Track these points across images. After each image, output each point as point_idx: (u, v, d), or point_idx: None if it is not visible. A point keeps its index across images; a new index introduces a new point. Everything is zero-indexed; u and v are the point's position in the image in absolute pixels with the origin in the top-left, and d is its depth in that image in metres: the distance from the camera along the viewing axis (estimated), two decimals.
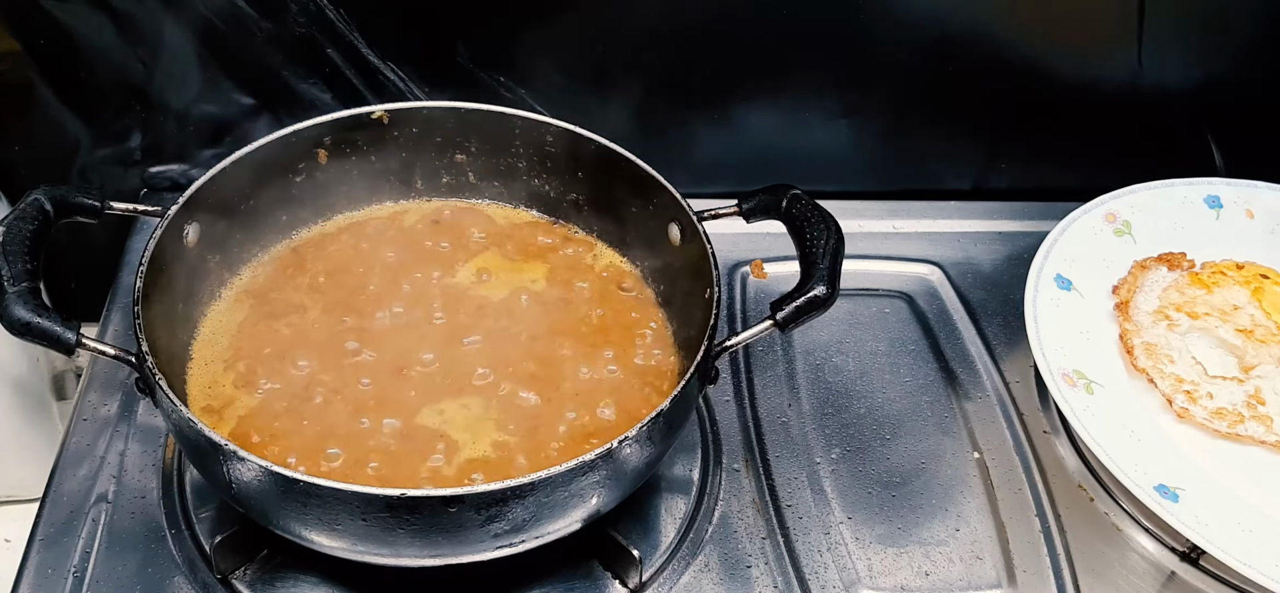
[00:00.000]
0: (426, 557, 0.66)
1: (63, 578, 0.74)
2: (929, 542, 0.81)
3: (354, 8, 0.95)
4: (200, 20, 0.93)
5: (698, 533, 0.80)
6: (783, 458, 0.86)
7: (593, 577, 0.76)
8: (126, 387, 0.86)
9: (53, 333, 0.65)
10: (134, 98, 0.98)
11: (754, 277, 1.01)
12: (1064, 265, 0.96)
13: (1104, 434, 0.82)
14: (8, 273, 0.66)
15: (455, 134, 0.89)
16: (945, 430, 0.89)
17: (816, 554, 0.79)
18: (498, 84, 1.00)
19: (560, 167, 0.88)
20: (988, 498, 0.84)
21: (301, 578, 0.74)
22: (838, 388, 0.92)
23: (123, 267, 0.97)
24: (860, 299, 1.01)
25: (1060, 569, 0.79)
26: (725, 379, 0.91)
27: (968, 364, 0.95)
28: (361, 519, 0.62)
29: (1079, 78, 1.07)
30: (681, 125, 1.06)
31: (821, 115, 1.06)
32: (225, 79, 0.98)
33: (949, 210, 1.10)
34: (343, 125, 0.85)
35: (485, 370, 0.77)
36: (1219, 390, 0.88)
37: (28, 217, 0.70)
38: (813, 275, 0.72)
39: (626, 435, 0.64)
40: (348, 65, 0.98)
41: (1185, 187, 1.04)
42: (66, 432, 0.84)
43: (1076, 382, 0.87)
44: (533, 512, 0.64)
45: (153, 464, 0.81)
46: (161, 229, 0.74)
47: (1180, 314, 0.93)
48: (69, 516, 0.78)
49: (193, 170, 1.02)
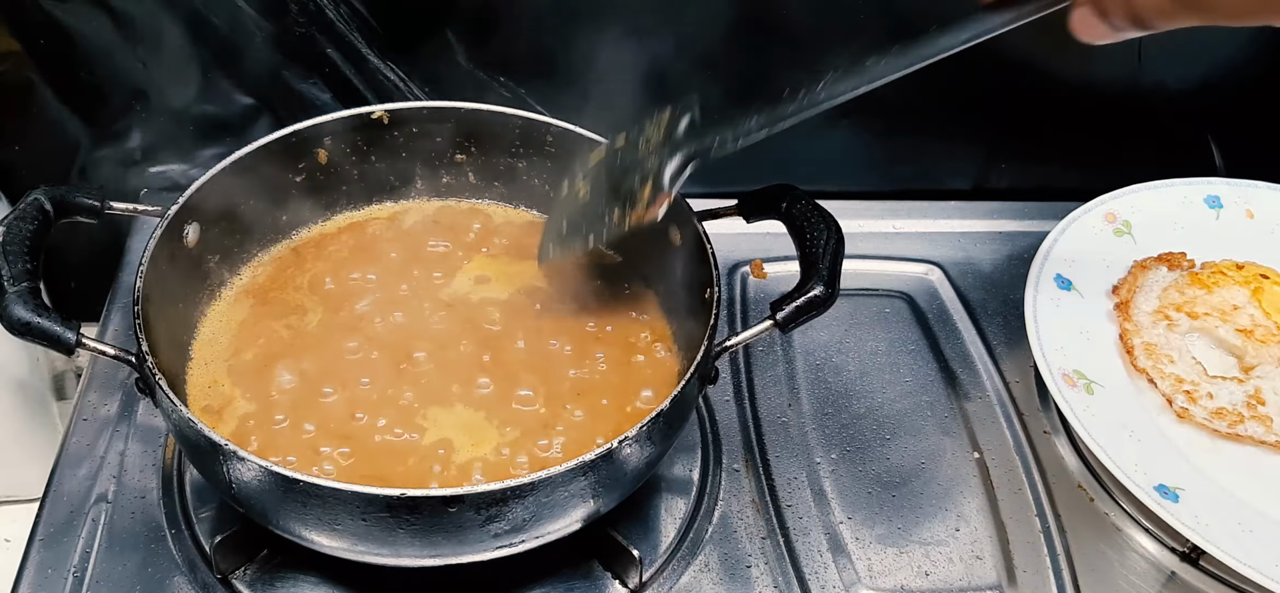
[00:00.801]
0: (427, 557, 0.66)
1: (63, 578, 0.74)
2: (929, 542, 0.81)
3: (354, 8, 0.95)
4: (200, 21, 0.93)
5: (698, 533, 0.80)
6: (783, 458, 0.86)
7: (593, 577, 0.76)
8: (126, 387, 0.86)
9: (53, 333, 0.65)
10: (134, 98, 0.98)
11: (754, 277, 1.01)
12: (1064, 265, 0.96)
13: (1104, 434, 0.82)
14: (8, 273, 0.66)
15: (455, 134, 0.89)
16: (945, 430, 0.89)
17: (816, 554, 0.79)
18: (498, 84, 1.00)
19: (560, 167, 0.88)
20: (988, 498, 0.84)
21: (301, 578, 0.74)
22: (838, 388, 0.92)
23: (123, 267, 0.97)
24: (860, 299, 1.01)
25: (1060, 569, 0.79)
26: (725, 379, 0.91)
27: (968, 364, 0.95)
28: (361, 520, 0.62)
29: (1079, 78, 1.06)
30: None
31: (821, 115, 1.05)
32: (225, 79, 0.98)
33: (949, 210, 1.10)
34: (343, 125, 0.86)
35: (485, 370, 0.77)
36: (1219, 390, 0.88)
37: (28, 217, 0.70)
38: (813, 276, 0.72)
39: (626, 436, 0.64)
40: (348, 65, 0.98)
41: (1185, 187, 1.04)
42: (66, 432, 0.84)
43: (1076, 382, 0.87)
44: (533, 512, 0.64)
45: (153, 464, 0.81)
46: (161, 229, 0.74)
47: (1180, 314, 0.93)
48: (69, 516, 0.78)
49: (193, 170, 1.02)
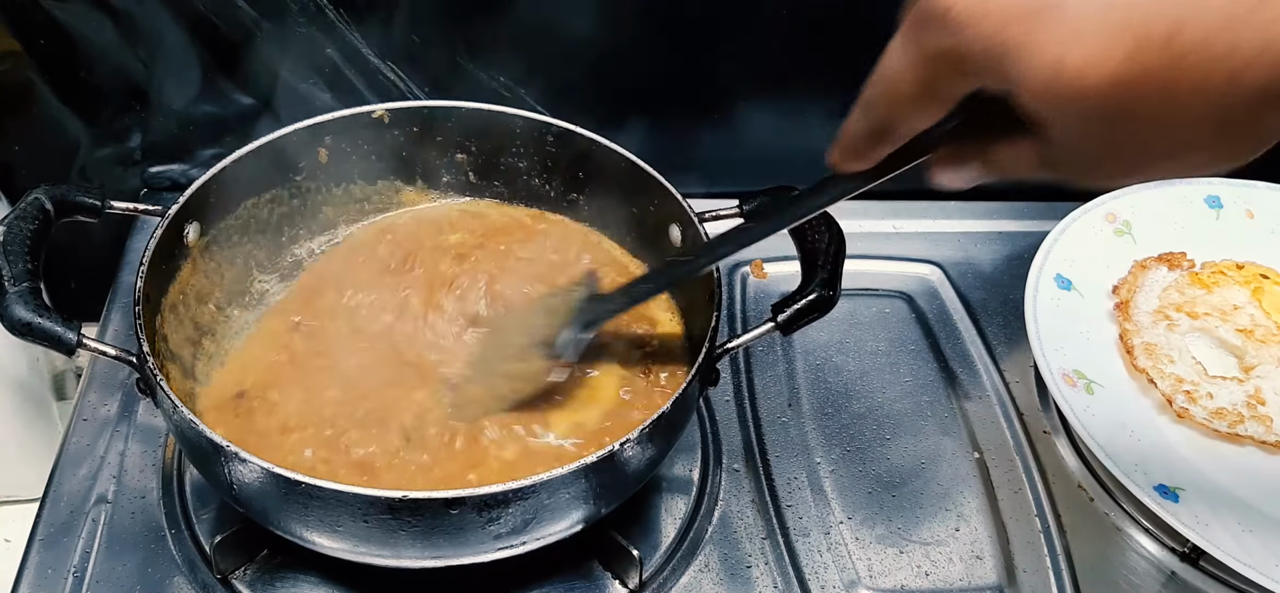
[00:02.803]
0: (428, 558, 0.66)
1: (63, 578, 0.74)
2: (929, 542, 0.81)
3: (354, 8, 0.95)
4: (201, 20, 0.93)
5: (698, 533, 0.80)
6: (783, 458, 0.86)
7: (593, 577, 0.76)
8: (126, 387, 0.86)
9: (53, 333, 0.65)
10: (134, 98, 0.98)
11: (754, 277, 1.01)
12: (1064, 265, 0.96)
13: (1104, 434, 0.82)
14: (8, 273, 0.66)
15: (455, 134, 0.89)
16: (945, 430, 0.89)
17: (816, 554, 0.79)
18: (498, 84, 1.00)
19: (560, 167, 0.88)
20: (988, 498, 0.84)
21: (301, 578, 0.74)
22: (838, 388, 0.92)
23: (123, 267, 0.97)
24: (860, 299, 1.01)
25: (1060, 569, 0.79)
26: (725, 380, 0.91)
27: (968, 364, 0.95)
28: (363, 521, 0.62)
29: None
30: (682, 125, 1.06)
31: (821, 115, 1.06)
32: (225, 79, 0.98)
33: (949, 210, 1.10)
34: (343, 125, 0.85)
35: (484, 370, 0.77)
36: (1219, 390, 0.88)
37: (28, 216, 0.70)
38: (814, 277, 0.72)
39: (628, 437, 0.64)
40: (348, 65, 0.98)
41: (1185, 186, 1.04)
42: (66, 432, 0.84)
43: (1076, 382, 0.87)
44: (534, 513, 0.64)
45: (153, 464, 0.81)
46: (161, 229, 0.74)
47: (1180, 314, 0.93)
48: (69, 516, 0.78)
49: (193, 170, 1.02)
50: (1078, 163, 0.46)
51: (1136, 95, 0.40)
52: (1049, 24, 0.41)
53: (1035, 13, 0.41)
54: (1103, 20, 0.40)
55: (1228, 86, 0.39)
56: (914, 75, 0.47)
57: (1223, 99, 0.40)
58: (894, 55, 0.47)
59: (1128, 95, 0.41)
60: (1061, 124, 0.43)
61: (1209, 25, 0.39)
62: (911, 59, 0.46)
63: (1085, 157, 0.45)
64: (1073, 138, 0.44)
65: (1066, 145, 0.44)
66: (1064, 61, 0.41)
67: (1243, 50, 0.39)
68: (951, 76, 0.45)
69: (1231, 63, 0.39)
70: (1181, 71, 0.39)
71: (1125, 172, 0.45)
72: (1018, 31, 0.41)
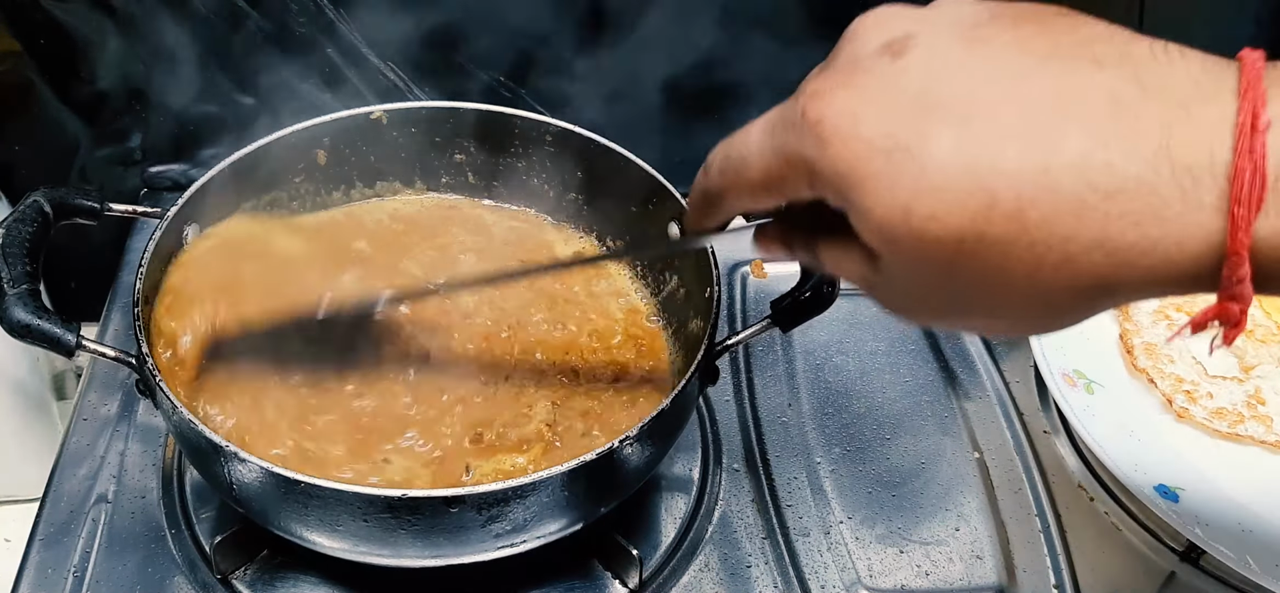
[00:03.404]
0: (427, 557, 0.66)
1: (63, 578, 0.74)
2: (929, 542, 0.81)
3: (354, 8, 0.95)
4: (200, 20, 0.93)
5: (698, 533, 0.80)
6: (783, 458, 0.86)
7: (593, 577, 0.76)
8: (126, 387, 0.86)
9: (53, 335, 0.65)
10: (134, 98, 0.98)
11: (754, 277, 1.01)
12: None
13: (1104, 434, 0.82)
14: (7, 275, 0.66)
15: (455, 134, 0.89)
16: (945, 430, 0.89)
17: (816, 554, 0.79)
18: (498, 84, 1.00)
19: (560, 166, 0.88)
20: (988, 498, 0.84)
21: (301, 578, 0.74)
22: (838, 388, 0.92)
23: (123, 267, 0.97)
24: (860, 299, 0.99)
25: (1060, 569, 0.79)
26: (725, 379, 0.91)
27: (968, 364, 0.95)
28: (363, 520, 0.62)
29: None
30: (682, 125, 1.06)
31: None
32: (225, 79, 0.98)
33: None
34: (342, 125, 0.85)
35: (484, 370, 0.77)
36: (1219, 390, 0.88)
37: (27, 218, 0.70)
38: (813, 275, 0.72)
39: (627, 435, 0.64)
40: (348, 65, 0.98)
41: None
42: (66, 432, 0.84)
43: (1076, 382, 0.87)
44: (534, 512, 0.64)
45: (153, 464, 0.81)
46: (161, 229, 0.74)
47: (1180, 314, 0.93)
48: (69, 516, 0.78)
49: (193, 170, 1.02)
50: (899, 299, 0.47)
51: (973, 256, 0.41)
52: (909, 168, 0.41)
53: (899, 152, 0.41)
54: (959, 177, 0.40)
55: (1060, 266, 0.40)
56: (764, 166, 0.47)
57: (1053, 277, 0.40)
58: (751, 139, 0.48)
59: (965, 254, 0.41)
60: (895, 263, 0.44)
61: (1058, 206, 0.39)
62: (766, 151, 0.46)
63: (909, 296, 0.46)
64: (900, 277, 0.44)
65: (893, 281, 0.45)
66: (912, 208, 0.41)
67: (1082, 238, 0.39)
68: (799, 183, 0.45)
69: (1068, 247, 0.40)
70: (1020, 244, 0.40)
71: (941, 318, 0.46)
72: (878, 165, 0.41)
